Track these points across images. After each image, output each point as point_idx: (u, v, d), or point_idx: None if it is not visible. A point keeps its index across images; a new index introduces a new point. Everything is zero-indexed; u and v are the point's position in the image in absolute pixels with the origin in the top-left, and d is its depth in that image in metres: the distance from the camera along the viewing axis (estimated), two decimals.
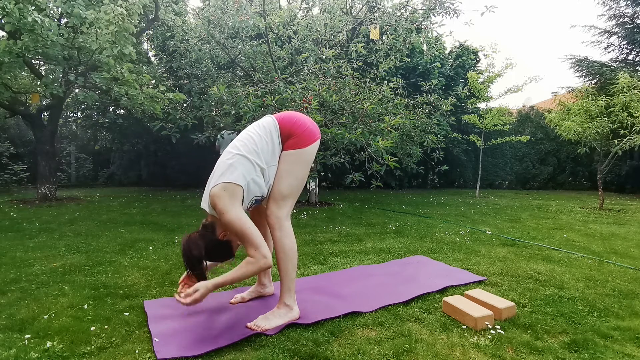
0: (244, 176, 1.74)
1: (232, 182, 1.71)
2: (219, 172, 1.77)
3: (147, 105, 5.74)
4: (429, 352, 1.59)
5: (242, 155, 1.77)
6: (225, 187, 1.71)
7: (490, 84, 7.97)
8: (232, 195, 1.70)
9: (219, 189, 1.71)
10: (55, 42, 4.74)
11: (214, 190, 1.71)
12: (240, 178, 1.73)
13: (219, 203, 1.68)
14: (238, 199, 1.72)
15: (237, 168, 1.74)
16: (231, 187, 1.71)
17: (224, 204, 1.68)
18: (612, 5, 10.46)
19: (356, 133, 4.13)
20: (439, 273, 2.63)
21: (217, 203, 1.69)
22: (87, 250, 3.20)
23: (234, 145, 1.85)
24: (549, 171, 11.30)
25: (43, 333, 1.70)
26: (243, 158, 1.77)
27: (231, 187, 1.71)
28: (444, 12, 6.56)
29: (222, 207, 1.68)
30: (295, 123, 1.88)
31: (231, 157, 1.78)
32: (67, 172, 10.89)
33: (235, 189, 1.72)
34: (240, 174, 1.74)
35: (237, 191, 1.72)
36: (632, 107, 5.96)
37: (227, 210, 1.67)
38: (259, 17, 5.86)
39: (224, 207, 1.68)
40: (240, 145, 1.82)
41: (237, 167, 1.74)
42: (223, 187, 1.71)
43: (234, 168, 1.74)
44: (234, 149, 1.82)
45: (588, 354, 1.59)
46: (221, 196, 1.69)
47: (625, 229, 4.46)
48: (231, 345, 1.63)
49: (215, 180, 1.75)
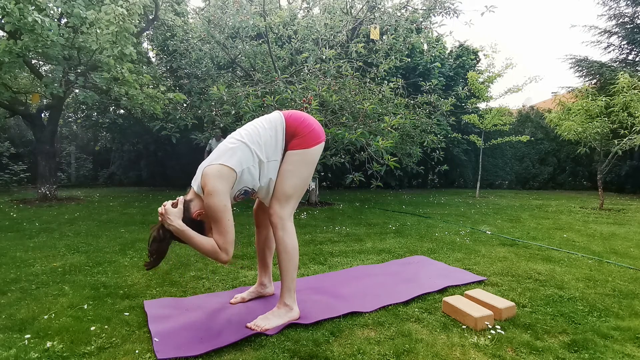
0: (241, 163, 1.74)
1: (227, 166, 1.71)
2: (218, 153, 1.76)
3: (147, 105, 5.74)
4: (429, 352, 1.59)
5: (244, 143, 1.78)
6: (219, 168, 1.70)
7: (490, 84, 7.97)
8: (224, 178, 1.69)
9: (213, 169, 1.70)
10: (56, 42, 4.74)
11: (208, 170, 1.70)
12: (237, 164, 1.73)
13: (209, 183, 1.67)
14: (229, 183, 1.71)
15: (236, 153, 1.74)
16: (226, 170, 1.70)
17: (213, 185, 1.66)
18: (612, 5, 10.46)
19: (356, 133, 4.13)
20: (439, 273, 2.63)
21: (207, 182, 1.67)
22: (87, 250, 3.20)
23: (239, 132, 1.85)
24: (549, 171, 11.30)
25: (43, 333, 1.70)
26: (245, 146, 1.77)
27: (225, 170, 1.70)
28: (444, 12, 6.57)
29: (211, 189, 1.66)
30: (302, 123, 1.88)
31: (233, 142, 1.79)
32: (67, 172, 10.89)
33: (229, 173, 1.71)
34: (238, 159, 1.74)
35: (230, 175, 1.71)
36: (632, 107, 5.96)
37: (215, 193, 1.66)
38: (259, 17, 5.86)
39: (213, 189, 1.66)
40: (244, 134, 1.82)
41: (236, 152, 1.75)
42: (217, 169, 1.70)
43: (232, 152, 1.75)
44: (237, 136, 1.82)
45: (588, 354, 1.59)
46: (214, 176, 1.68)
47: (625, 229, 4.46)
48: (231, 345, 1.63)
49: (211, 160, 1.75)
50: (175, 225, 1.67)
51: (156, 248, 1.71)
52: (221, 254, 1.70)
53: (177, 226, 1.67)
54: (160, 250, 1.72)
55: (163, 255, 1.74)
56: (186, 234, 1.68)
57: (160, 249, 1.72)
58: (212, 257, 1.72)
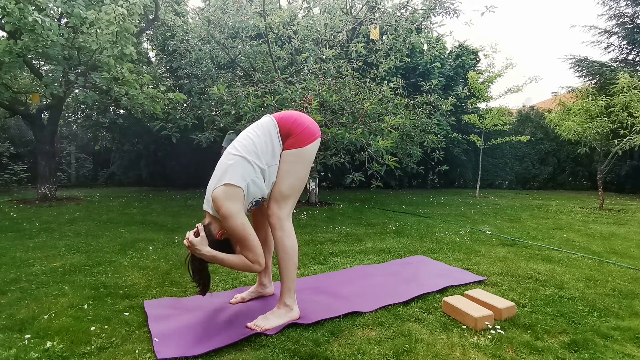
0: (244, 178, 1.75)
1: (232, 184, 1.72)
2: (219, 174, 1.78)
3: (147, 105, 5.73)
4: (429, 352, 1.59)
5: (241, 157, 1.78)
6: (226, 190, 1.72)
7: (490, 84, 7.97)
8: (233, 197, 1.72)
9: (220, 191, 1.72)
10: (56, 42, 4.74)
11: (216, 193, 1.72)
12: (240, 180, 1.74)
13: (222, 207, 1.70)
14: (240, 201, 1.74)
15: (237, 169, 1.75)
16: (232, 189, 1.72)
17: (227, 207, 1.70)
18: (612, 5, 10.46)
19: (356, 133, 4.13)
20: (439, 273, 2.63)
21: (220, 206, 1.70)
22: (87, 250, 3.20)
23: (234, 146, 1.85)
24: (549, 171, 11.30)
25: (43, 333, 1.70)
26: (242, 159, 1.77)
27: (232, 190, 1.72)
28: (444, 12, 6.57)
29: (225, 211, 1.70)
30: (294, 122, 1.88)
31: (230, 159, 1.79)
32: (67, 172, 10.89)
33: (236, 191, 1.73)
34: (240, 175, 1.74)
35: (238, 193, 1.73)
36: (632, 107, 5.96)
37: (230, 215, 1.70)
38: (259, 17, 5.86)
39: (227, 212, 1.69)
40: (239, 147, 1.82)
41: (236, 169, 1.75)
42: (224, 190, 1.72)
43: (233, 169, 1.75)
44: (233, 150, 1.83)
45: (588, 354, 1.59)
46: (223, 199, 1.71)
47: (625, 229, 4.46)
48: (231, 345, 1.63)
49: (216, 182, 1.76)
50: (204, 254, 1.73)
51: (199, 276, 1.80)
52: (254, 266, 1.79)
53: (206, 254, 1.73)
54: (203, 276, 1.82)
55: (208, 279, 1.85)
56: (217, 258, 1.75)
57: (203, 275, 1.82)
58: (247, 271, 1.83)
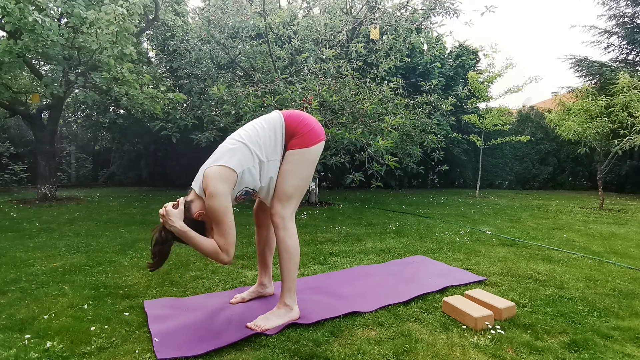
0: (241, 164, 1.75)
1: (228, 167, 1.71)
2: (217, 156, 1.77)
3: (147, 105, 5.74)
4: (429, 352, 1.59)
5: (244, 144, 1.78)
6: (220, 170, 1.71)
7: (490, 84, 7.97)
8: (225, 179, 1.70)
9: (213, 171, 1.70)
10: (56, 42, 4.74)
11: (209, 171, 1.71)
12: (237, 165, 1.73)
13: (210, 185, 1.67)
14: (231, 185, 1.72)
15: (236, 154, 1.75)
16: (226, 171, 1.71)
17: (215, 186, 1.67)
18: (612, 5, 10.46)
19: (356, 133, 4.13)
20: (439, 273, 2.63)
21: (208, 184, 1.68)
22: (87, 250, 3.20)
23: (238, 133, 1.86)
24: (549, 171, 11.30)
25: (43, 333, 1.70)
26: (244, 146, 1.78)
27: (226, 171, 1.71)
28: (444, 12, 6.57)
29: (213, 190, 1.67)
30: (301, 122, 1.88)
31: (232, 144, 1.79)
32: (67, 172, 10.89)
33: (230, 174, 1.72)
34: (238, 160, 1.74)
35: (231, 177, 1.72)
36: (632, 107, 5.96)
37: (216, 194, 1.66)
38: (259, 17, 5.86)
39: (214, 191, 1.67)
40: (243, 134, 1.83)
41: (236, 153, 1.75)
42: (218, 170, 1.70)
43: (232, 153, 1.75)
44: (236, 137, 1.83)
45: (588, 354, 1.59)
46: (215, 178, 1.68)
47: (625, 229, 4.46)
48: (231, 345, 1.63)
49: (211, 162, 1.75)
50: (176, 227, 1.68)
51: (159, 250, 1.71)
52: (222, 254, 1.71)
53: (178, 227, 1.68)
54: (162, 251, 1.72)
55: (166, 257, 1.75)
56: (187, 235, 1.69)
57: (163, 250, 1.72)
58: (213, 258, 1.73)
